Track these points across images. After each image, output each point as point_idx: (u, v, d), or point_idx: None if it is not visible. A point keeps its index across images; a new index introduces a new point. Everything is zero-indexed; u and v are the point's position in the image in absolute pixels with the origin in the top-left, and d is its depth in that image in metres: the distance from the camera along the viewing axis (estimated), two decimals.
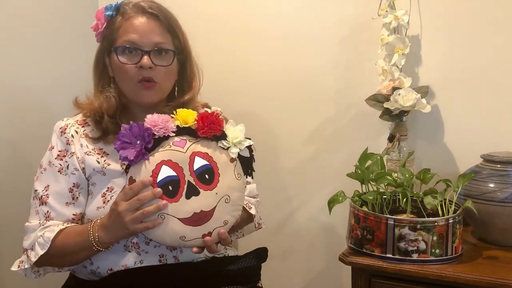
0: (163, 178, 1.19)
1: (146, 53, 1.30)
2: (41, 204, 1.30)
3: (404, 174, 1.43)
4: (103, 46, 1.36)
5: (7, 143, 1.72)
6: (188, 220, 1.19)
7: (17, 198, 1.42)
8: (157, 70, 1.31)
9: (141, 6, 1.33)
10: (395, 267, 1.29)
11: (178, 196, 1.19)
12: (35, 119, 1.79)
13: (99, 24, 1.35)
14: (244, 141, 1.27)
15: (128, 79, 1.31)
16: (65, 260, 1.29)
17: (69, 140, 1.32)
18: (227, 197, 1.23)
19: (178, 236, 1.19)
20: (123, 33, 1.31)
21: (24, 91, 1.77)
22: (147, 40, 1.31)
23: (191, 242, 1.20)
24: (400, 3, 1.62)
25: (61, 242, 1.25)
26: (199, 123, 1.24)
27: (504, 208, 1.38)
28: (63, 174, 1.31)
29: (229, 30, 1.89)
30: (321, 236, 1.88)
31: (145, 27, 1.31)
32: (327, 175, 1.82)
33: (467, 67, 1.63)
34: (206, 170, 1.22)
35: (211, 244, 1.21)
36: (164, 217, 1.18)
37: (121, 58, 1.31)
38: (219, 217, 1.22)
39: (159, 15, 1.33)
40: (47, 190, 1.30)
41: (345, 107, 1.79)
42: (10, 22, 1.72)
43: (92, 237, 1.22)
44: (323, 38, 1.79)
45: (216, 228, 1.21)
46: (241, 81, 1.90)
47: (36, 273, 1.31)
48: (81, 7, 1.95)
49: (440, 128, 1.68)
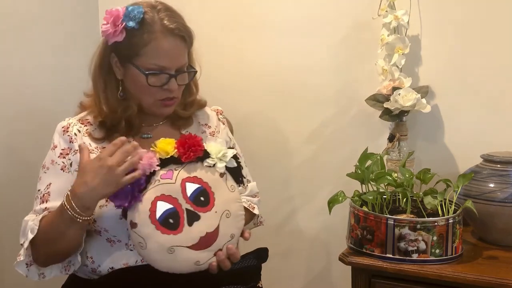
0: (162, 214, 1.19)
1: (173, 76, 1.30)
2: (42, 202, 1.29)
3: (404, 174, 1.43)
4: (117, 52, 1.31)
5: (8, 146, 1.72)
6: (197, 245, 1.20)
7: (18, 201, 1.42)
8: (179, 88, 1.33)
9: (169, 28, 1.28)
10: (395, 267, 1.30)
11: (181, 226, 1.20)
12: (36, 122, 1.79)
13: (116, 32, 1.26)
14: (227, 152, 1.27)
15: (149, 97, 1.32)
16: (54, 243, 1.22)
17: (72, 138, 1.32)
18: (227, 212, 1.23)
19: (193, 262, 1.20)
20: (152, 55, 1.28)
21: (25, 94, 1.77)
22: (175, 64, 1.30)
23: (206, 264, 1.21)
24: (400, 3, 1.62)
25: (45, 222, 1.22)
26: (179, 149, 1.24)
27: (504, 208, 1.39)
28: (66, 171, 1.31)
29: (229, 30, 1.89)
30: (321, 236, 1.88)
31: (174, 52, 1.30)
32: (327, 175, 1.82)
33: (467, 67, 1.63)
34: (200, 192, 1.23)
35: (224, 259, 1.21)
36: (174, 250, 1.18)
37: (151, 81, 1.29)
38: (225, 233, 1.23)
39: (185, 36, 1.31)
40: (48, 188, 1.30)
41: (345, 107, 1.79)
42: (10, 25, 1.72)
43: (69, 208, 1.17)
44: (323, 38, 1.79)
45: (225, 244, 1.22)
46: (241, 81, 1.90)
47: (41, 275, 1.27)
48: (82, 8, 1.95)
49: (440, 128, 1.69)
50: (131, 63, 1.30)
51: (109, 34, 1.28)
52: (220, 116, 1.52)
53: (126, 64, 1.31)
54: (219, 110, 1.54)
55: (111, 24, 1.27)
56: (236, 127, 1.69)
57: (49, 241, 1.22)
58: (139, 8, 1.28)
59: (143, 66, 1.29)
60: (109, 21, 1.28)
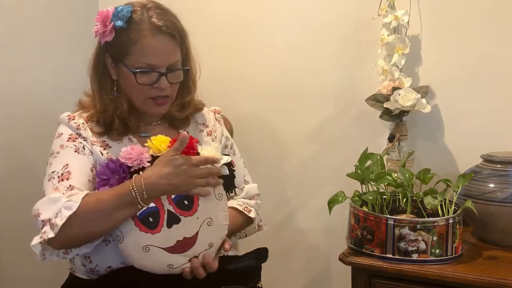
0: (143, 211, 1.19)
1: (163, 74, 1.29)
2: (61, 180, 1.23)
3: (404, 174, 1.43)
4: (108, 51, 1.32)
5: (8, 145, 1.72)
6: (172, 248, 1.20)
7: (18, 201, 1.41)
8: (171, 86, 1.32)
9: (156, 25, 1.28)
10: (395, 267, 1.29)
11: (160, 227, 1.19)
12: (35, 122, 1.79)
13: (106, 31, 1.28)
14: (221, 159, 1.26)
15: (140, 95, 1.32)
16: (97, 223, 1.18)
17: (79, 125, 1.31)
18: (209, 220, 1.23)
19: (166, 265, 1.20)
20: (140, 53, 1.28)
21: (24, 95, 1.77)
22: (164, 62, 1.29)
23: (179, 269, 1.21)
24: (400, 3, 1.62)
25: (93, 200, 1.18)
26: None
27: (504, 208, 1.38)
28: (80, 154, 1.28)
29: (228, 30, 1.89)
30: (321, 236, 1.88)
31: (162, 49, 1.29)
32: (327, 175, 1.82)
33: (467, 67, 1.63)
34: (185, 196, 1.22)
35: (198, 266, 1.20)
36: (148, 249, 1.18)
37: (139, 79, 1.29)
38: (203, 240, 1.22)
39: (174, 34, 1.30)
40: (66, 168, 1.25)
41: (345, 107, 1.79)
42: (10, 25, 1.72)
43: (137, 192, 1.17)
44: (323, 38, 1.79)
45: (201, 252, 1.22)
46: (241, 81, 1.90)
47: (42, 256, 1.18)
48: (83, 10, 1.95)
49: (440, 128, 1.69)
50: (122, 63, 1.30)
51: (100, 34, 1.30)
52: (217, 116, 1.52)
53: (118, 64, 1.32)
54: (216, 110, 1.53)
55: (101, 24, 1.29)
56: (236, 127, 1.69)
57: (91, 220, 1.18)
58: (128, 8, 1.29)
59: (132, 65, 1.29)
60: (99, 21, 1.30)
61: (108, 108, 1.32)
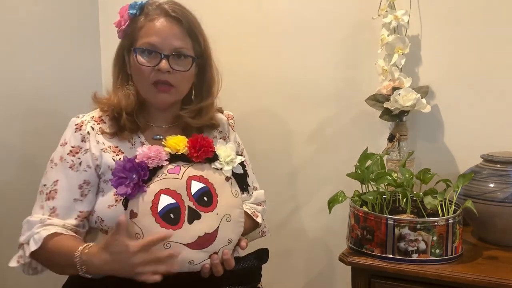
0: (164, 207, 1.19)
1: (165, 57, 1.30)
2: (48, 199, 1.29)
3: (404, 174, 1.43)
4: (124, 43, 1.37)
5: (8, 145, 1.72)
6: (194, 244, 1.20)
7: (25, 202, 1.41)
8: (175, 74, 1.32)
9: (164, 8, 1.33)
10: (395, 267, 1.30)
11: (181, 223, 1.19)
12: (43, 123, 1.79)
13: (122, 21, 1.35)
14: (235, 158, 1.27)
15: (143, 80, 1.33)
16: (51, 268, 1.27)
17: (84, 137, 1.33)
18: (228, 216, 1.23)
19: (187, 261, 1.20)
20: (145, 34, 1.32)
21: (32, 95, 1.77)
22: (167, 44, 1.31)
23: (199, 265, 1.21)
24: (400, 3, 1.63)
25: (51, 248, 1.23)
26: (190, 149, 1.25)
27: (504, 208, 1.39)
28: (74, 170, 1.31)
29: (229, 30, 1.89)
30: (321, 236, 1.88)
31: (166, 31, 1.31)
32: (327, 175, 1.83)
33: (467, 67, 1.64)
34: (204, 192, 1.22)
35: (218, 263, 1.21)
36: (170, 245, 1.18)
37: (139, 59, 1.31)
38: (223, 236, 1.22)
39: (182, 19, 1.33)
40: (55, 185, 1.30)
41: (345, 107, 1.79)
42: (16, 27, 1.72)
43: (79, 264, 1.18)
44: (323, 38, 1.79)
45: (221, 248, 1.22)
46: (241, 81, 1.90)
47: (34, 270, 1.30)
48: (84, 11, 1.95)
49: (440, 128, 1.69)
50: (132, 50, 1.34)
51: (117, 24, 1.36)
52: (231, 121, 1.52)
53: (130, 53, 1.35)
54: (230, 115, 1.54)
55: (120, 15, 1.36)
56: (236, 127, 1.69)
57: (49, 260, 1.26)
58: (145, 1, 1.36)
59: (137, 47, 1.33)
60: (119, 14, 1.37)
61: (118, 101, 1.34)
